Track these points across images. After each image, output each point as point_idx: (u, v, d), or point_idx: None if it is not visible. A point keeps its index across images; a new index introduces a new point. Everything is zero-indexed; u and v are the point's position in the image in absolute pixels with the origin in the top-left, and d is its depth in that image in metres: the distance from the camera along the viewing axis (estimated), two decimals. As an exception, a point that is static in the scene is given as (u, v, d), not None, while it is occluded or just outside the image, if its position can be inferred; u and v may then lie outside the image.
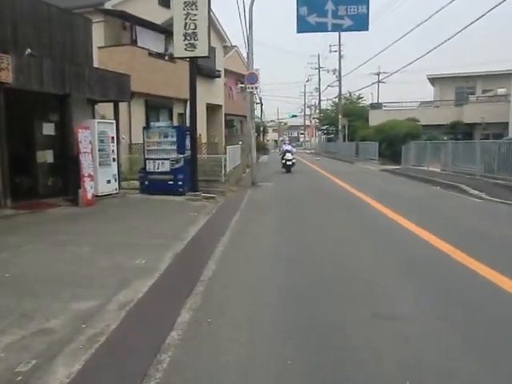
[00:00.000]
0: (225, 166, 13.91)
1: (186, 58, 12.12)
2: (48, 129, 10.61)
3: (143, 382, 2.76)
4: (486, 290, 4.36)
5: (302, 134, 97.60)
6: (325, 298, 4.18)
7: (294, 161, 20.21)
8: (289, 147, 20.83)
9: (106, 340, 3.34)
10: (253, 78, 15.24)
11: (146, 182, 11.84)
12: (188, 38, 11.29)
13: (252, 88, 15.66)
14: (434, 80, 37.18)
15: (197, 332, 3.47)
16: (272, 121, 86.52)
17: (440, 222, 8.25)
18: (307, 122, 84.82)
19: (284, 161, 20.20)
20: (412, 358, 3.01)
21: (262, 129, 52.59)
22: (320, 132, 61.28)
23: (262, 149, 38.59)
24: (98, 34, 15.29)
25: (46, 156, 10.61)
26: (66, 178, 10.62)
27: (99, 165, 10.66)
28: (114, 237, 6.81)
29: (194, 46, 11.32)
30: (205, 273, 5.02)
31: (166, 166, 11.63)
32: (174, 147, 11.60)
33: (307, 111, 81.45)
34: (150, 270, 5.06)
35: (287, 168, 19.96)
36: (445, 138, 24.62)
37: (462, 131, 29.61)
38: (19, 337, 3.34)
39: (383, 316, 3.72)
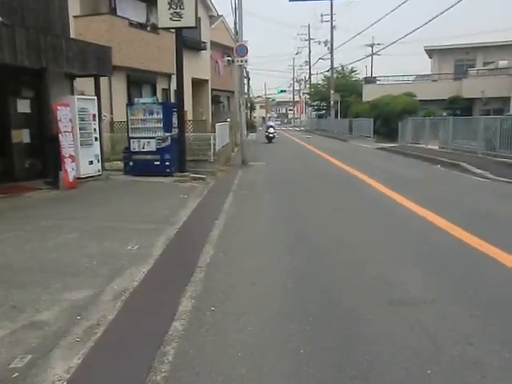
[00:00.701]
0: (214, 144, 13.82)
1: (172, 28, 11.87)
2: (23, 106, 10.36)
3: (149, 376, 2.73)
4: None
5: (290, 110, 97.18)
6: (328, 276, 4.20)
7: (275, 134, 28.23)
8: (272, 123, 29.76)
9: (104, 332, 3.30)
10: (242, 50, 15.02)
11: (131, 163, 11.69)
12: (173, 6, 11.03)
13: (242, 61, 15.45)
14: (431, 52, 37.12)
15: (201, 322, 3.44)
16: (259, 96, 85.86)
17: (452, 206, 8.30)
18: (296, 98, 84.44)
19: (267, 133, 27.99)
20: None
21: (249, 105, 52.24)
22: (310, 108, 61.09)
23: (249, 126, 38.38)
24: (74, 1, 14.86)
25: (22, 135, 10.39)
26: (44, 159, 10.43)
27: (80, 145, 10.47)
28: (100, 221, 6.72)
29: (180, 16, 11.07)
30: (202, 258, 4.99)
31: (152, 146, 11.49)
32: (160, 125, 11.44)
33: (297, 86, 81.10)
34: (144, 257, 5.01)
35: (269, 139, 27.64)
36: (444, 114, 24.70)
37: (461, 106, 29.74)
38: (10, 330, 3.28)
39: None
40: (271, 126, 28.33)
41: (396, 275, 4.39)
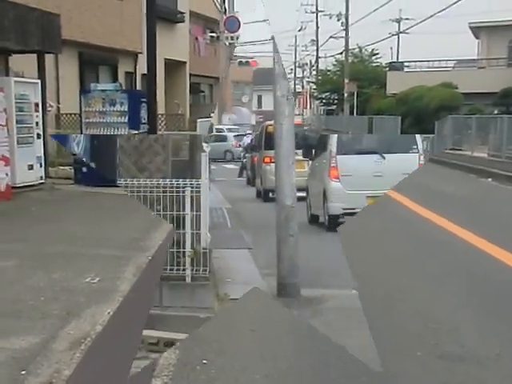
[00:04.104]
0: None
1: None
2: None
3: None
4: None
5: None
6: None
7: None
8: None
9: (59, 393, 3.24)
10: (233, 24, 15.15)
11: (84, 169, 11.62)
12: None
13: (232, 38, 15.56)
14: (478, 30, 37.27)
15: (189, 380, 3.41)
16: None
17: None
18: (299, 88, 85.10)
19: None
20: None
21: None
22: (317, 102, 61.53)
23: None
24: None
25: None
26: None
27: (17, 143, 10.37)
28: (46, 246, 6.67)
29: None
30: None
31: (114, 146, 11.48)
32: (125, 120, 11.47)
33: (299, 73, 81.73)
34: (108, 292, 4.95)
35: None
36: (495, 112, 24.93)
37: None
38: None
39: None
40: None
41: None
